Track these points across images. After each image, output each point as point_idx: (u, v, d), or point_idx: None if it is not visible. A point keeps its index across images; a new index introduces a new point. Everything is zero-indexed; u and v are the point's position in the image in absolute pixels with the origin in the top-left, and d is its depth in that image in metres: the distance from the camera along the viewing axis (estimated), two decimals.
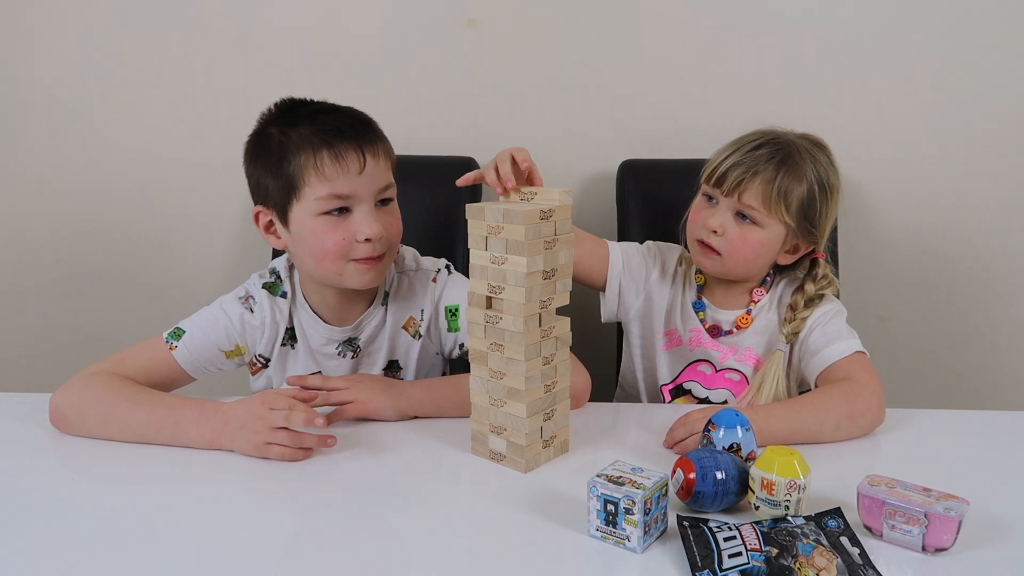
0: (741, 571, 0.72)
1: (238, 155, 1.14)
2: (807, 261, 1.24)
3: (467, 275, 0.97)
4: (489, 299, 0.94)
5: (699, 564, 0.73)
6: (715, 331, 1.25)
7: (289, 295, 1.18)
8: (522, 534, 0.82)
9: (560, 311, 0.97)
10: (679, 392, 1.28)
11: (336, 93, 1.18)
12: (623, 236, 1.55)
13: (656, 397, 1.30)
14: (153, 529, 0.82)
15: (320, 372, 1.20)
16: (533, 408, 0.94)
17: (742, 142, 1.19)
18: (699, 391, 1.26)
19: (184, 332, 1.14)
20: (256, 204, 1.13)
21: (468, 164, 1.58)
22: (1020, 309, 1.70)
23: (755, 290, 1.24)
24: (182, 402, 1.04)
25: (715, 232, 1.17)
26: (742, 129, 1.22)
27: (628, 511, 0.77)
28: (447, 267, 1.24)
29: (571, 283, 0.96)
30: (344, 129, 1.07)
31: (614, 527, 0.78)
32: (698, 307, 1.26)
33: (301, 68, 1.64)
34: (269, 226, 1.13)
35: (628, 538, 0.78)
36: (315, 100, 1.13)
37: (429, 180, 1.56)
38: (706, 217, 1.19)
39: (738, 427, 0.92)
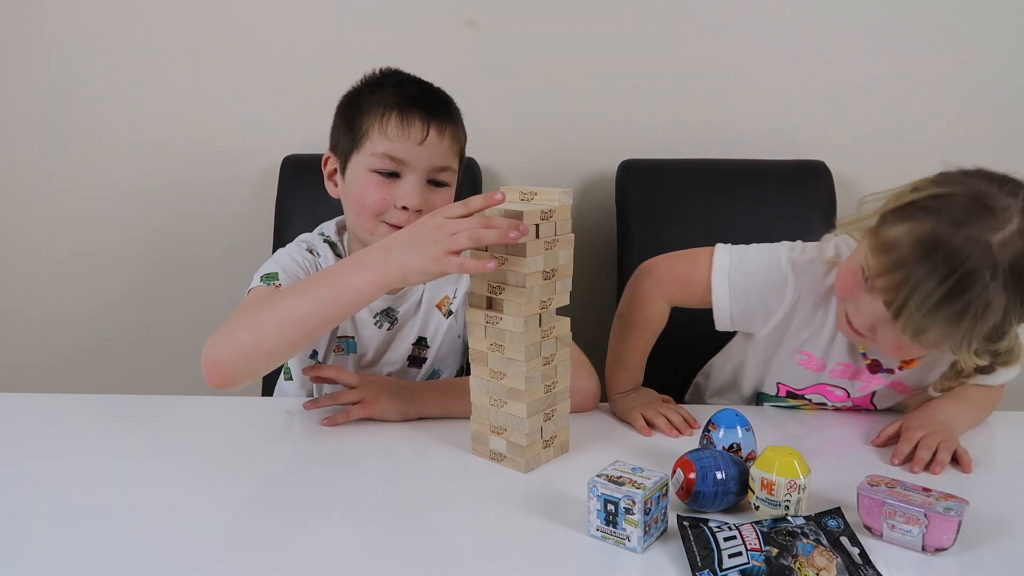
0: (741, 571, 0.72)
1: (239, 155, 1.15)
2: None
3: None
4: (489, 299, 0.94)
5: (699, 564, 0.73)
6: (875, 367, 1.10)
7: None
8: (522, 534, 0.82)
9: (560, 311, 0.97)
10: (793, 396, 1.18)
11: (337, 93, 1.19)
12: (623, 237, 1.55)
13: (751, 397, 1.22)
14: (151, 528, 0.82)
15: (354, 337, 1.20)
16: (533, 408, 0.94)
17: (937, 284, 0.87)
18: (816, 399, 1.17)
19: (276, 272, 1.09)
20: (328, 151, 1.19)
21: (468, 164, 1.58)
22: None
23: None
24: (326, 269, 1.03)
25: (864, 336, 1.00)
26: (742, 129, 1.19)
27: (628, 511, 0.77)
28: None
29: (571, 283, 0.96)
30: (419, 98, 1.12)
31: (614, 527, 0.78)
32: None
33: (301, 68, 1.64)
34: (332, 174, 1.18)
35: (628, 538, 0.78)
36: (411, 74, 1.18)
37: None
38: (856, 307, 0.99)
39: (738, 427, 0.92)
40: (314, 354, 1.20)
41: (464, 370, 1.33)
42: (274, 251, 1.35)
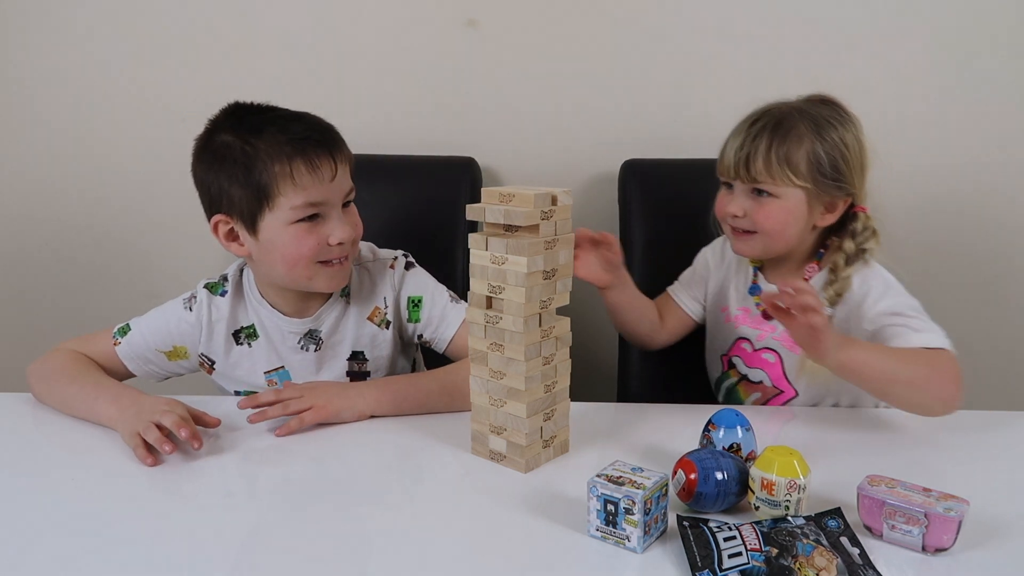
0: (741, 571, 0.72)
1: None
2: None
3: (466, 275, 0.96)
4: (489, 299, 0.94)
5: (699, 564, 0.73)
6: (768, 314, 1.21)
7: (231, 293, 1.19)
8: (522, 534, 0.82)
9: (560, 311, 0.97)
10: (730, 364, 1.31)
11: (336, 93, 1.19)
12: (625, 236, 1.55)
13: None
14: (150, 529, 0.83)
15: (284, 367, 1.21)
16: (533, 408, 0.94)
17: (742, 123, 1.19)
18: (741, 367, 1.28)
19: (130, 331, 1.19)
20: (214, 214, 1.11)
21: (468, 164, 1.58)
22: (1019, 309, 1.70)
23: (807, 266, 1.22)
24: (109, 383, 1.10)
25: (737, 216, 1.17)
26: None
27: (628, 511, 0.77)
28: (404, 255, 1.26)
29: (571, 283, 0.96)
30: (315, 138, 1.08)
31: (614, 527, 0.78)
32: (754, 291, 1.26)
33: (301, 68, 1.64)
34: (231, 235, 1.11)
35: (628, 538, 0.78)
36: (265, 105, 1.12)
37: (429, 180, 1.56)
38: (726, 204, 1.20)
39: (738, 427, 0.92)
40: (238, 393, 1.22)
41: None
42: None
